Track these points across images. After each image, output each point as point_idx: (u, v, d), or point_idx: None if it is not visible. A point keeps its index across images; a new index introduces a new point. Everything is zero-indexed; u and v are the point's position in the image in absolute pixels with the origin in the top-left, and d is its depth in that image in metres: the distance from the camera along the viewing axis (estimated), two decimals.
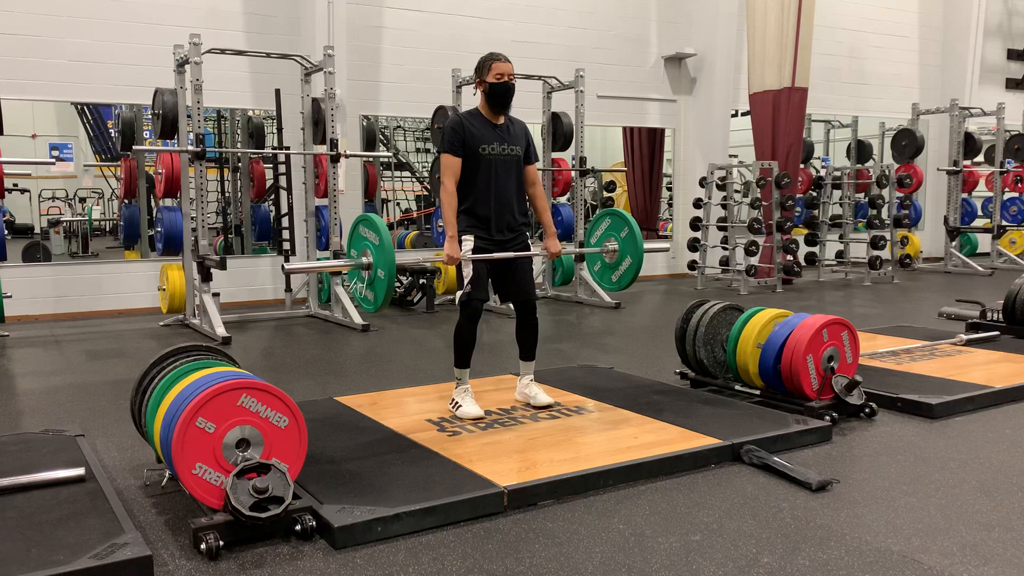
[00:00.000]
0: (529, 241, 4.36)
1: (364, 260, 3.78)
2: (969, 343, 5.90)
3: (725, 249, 10.21)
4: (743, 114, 11.69)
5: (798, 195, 10.78)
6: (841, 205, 11.23)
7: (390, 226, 12.99)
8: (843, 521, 2.94)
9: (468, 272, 4.05)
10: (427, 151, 13.27)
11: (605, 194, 13.72)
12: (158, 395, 3.07)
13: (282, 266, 3.64)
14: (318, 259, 8.31)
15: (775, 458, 3.47)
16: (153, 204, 9.65)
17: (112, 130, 11.64)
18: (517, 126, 4.22)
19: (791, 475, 3.32)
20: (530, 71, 9.17)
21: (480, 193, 4.08)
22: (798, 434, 3.80)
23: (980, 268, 11.80)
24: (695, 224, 10.58)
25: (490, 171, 4.08)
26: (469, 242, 4.06)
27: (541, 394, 4.32)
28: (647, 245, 4.40)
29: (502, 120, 4.14)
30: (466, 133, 4.04)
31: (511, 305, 4.37)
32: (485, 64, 4.08)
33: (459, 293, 4.12)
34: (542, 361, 4.47)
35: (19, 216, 11.94)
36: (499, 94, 4.06)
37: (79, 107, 11.46)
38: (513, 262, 4.21)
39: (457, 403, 4.17)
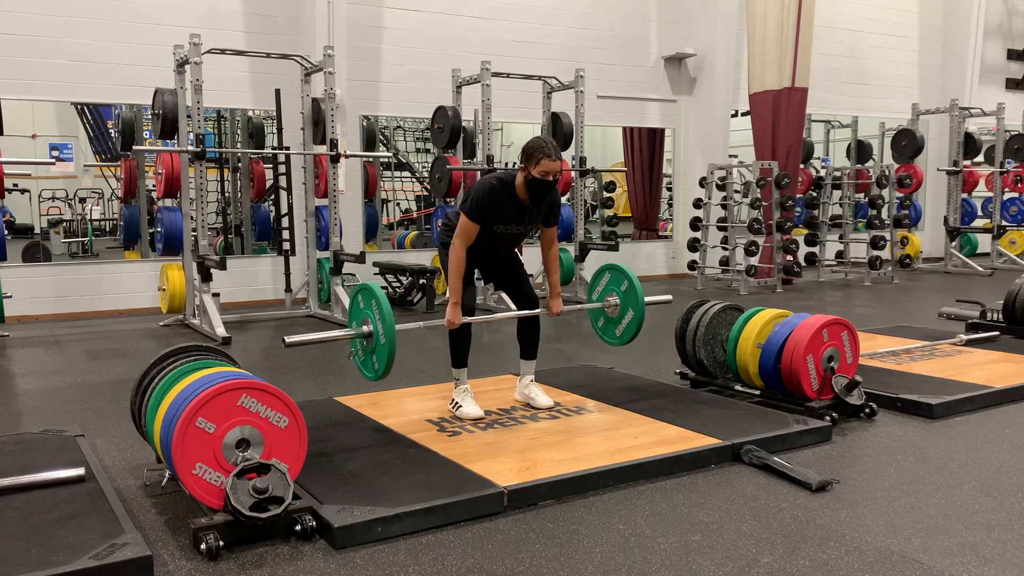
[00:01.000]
0: (520, 258, 4.43)
1: (365, 329, 3.83)
2: (969, 343, 5.90)
3: (725, 249, 10.21)
4: (743, 114, 11.69)
5: (798, 195, 10.78)
6: (841, 205, 11.23)
7: (390, 226, 13.00)
8: (843, 521, 2.94)
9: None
10: (427, 151, 13.27)
11: (605, 194, 13.73)
12: (158, 395, 3.07)
13: (283, 339, 3.68)
14: (318, 259, 8.33)
15: (775, 458, 3.47)
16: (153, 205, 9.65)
17: (112, 130, 11.64)
18: (547, 204, 4.14)
19: (791, 475, 3.32)
20: (530, 71, 9.18)
21: (479, 250, 4.11)
22: (798, 434, 3.80)
23: (980, 268, 11.80)
24: (695, 224, 10.58)
25: (495, 242, 4.13)
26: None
27: (541, 395, 4.31)
28: (647, 299, 4.44)
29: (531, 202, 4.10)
30: (493, 209, 3.98)
31: (510, 303, 4.41)
32: (535, 155, 3.90)
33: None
34: (542, 361, 4.47)
35: (19, 216, 11.93)
36: (539, 189, 3.98)
37: (79, 107, 11.45)
38: (509, 268, 4.33)
39: (457, 403, 4.17)
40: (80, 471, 3.22)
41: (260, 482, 2.72)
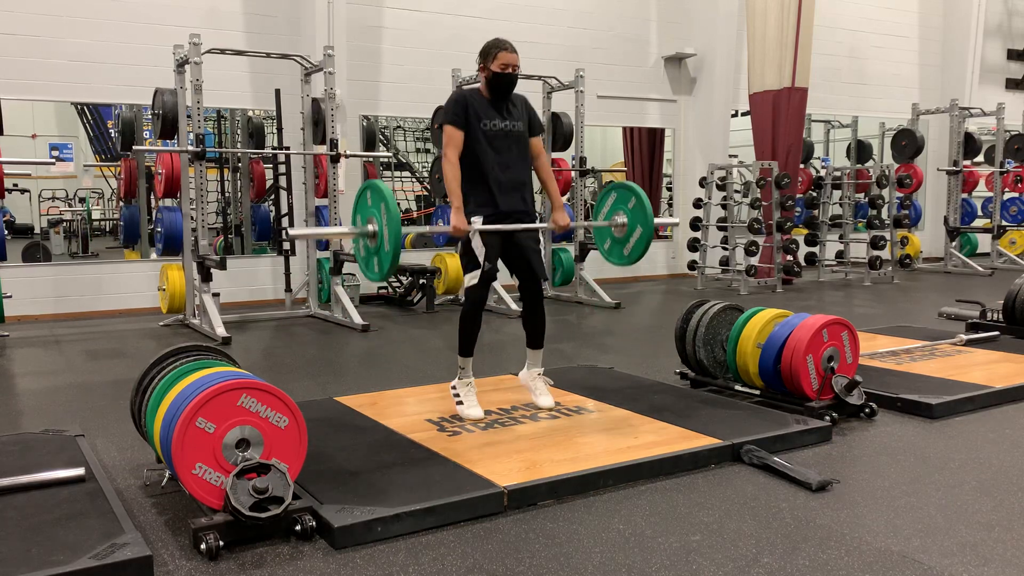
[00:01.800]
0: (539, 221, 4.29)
1: (370, 228, 3.72)
2: (969, 343, 5.90)
3: (725, 249, 10.21)
4: (743, 114, 11.69)
5: (798, 195, 10.78)
6: (841, 205, 11.23)
7: None
8: (843, 521, 2.94)
9: (479, 246, 3.96)
10: (427, 151, 13.27)
11: None
12: (158, 395, 3.07)
13: (285, 230, 3.60)
14: (318, 259, 8.33)
15: (775, 458, 3.47)
16: (153, 204, 9.65)
17: (112, 130, 11.64)
18: (518, 102, 4.15)
19: (791, 475, 3.32)
20: (530, 71, 9.16)
21: (484, 171, 4.01)
22: (798, 434, 3.80)
23: (980, 268, 11.80)
24: (695, 224, 10.58)
25: (493, 147, 4.02)
26: (478, 222, 3.98)
27: (545, 394, 4.29)
28: (656, 220, 4.31)
29: (503, 102, 4.08)
30: (468, 107, 3.98)
31: (511, 302, 4.37)
32: (491, 51, 3.99)
33: (469, 277, 4.02)
34: (542, 361, 4.46)
35: (19, 216, 11.93)
36: (502, 84, 4.00)
37: (79, 107, 11.46)
38: (523, 246, 4.15)
39: (459, 396, 4.14)
40: (80, 471, 3.22)
41: (260, 482, 2.72)
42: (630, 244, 4.37)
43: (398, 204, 13.59)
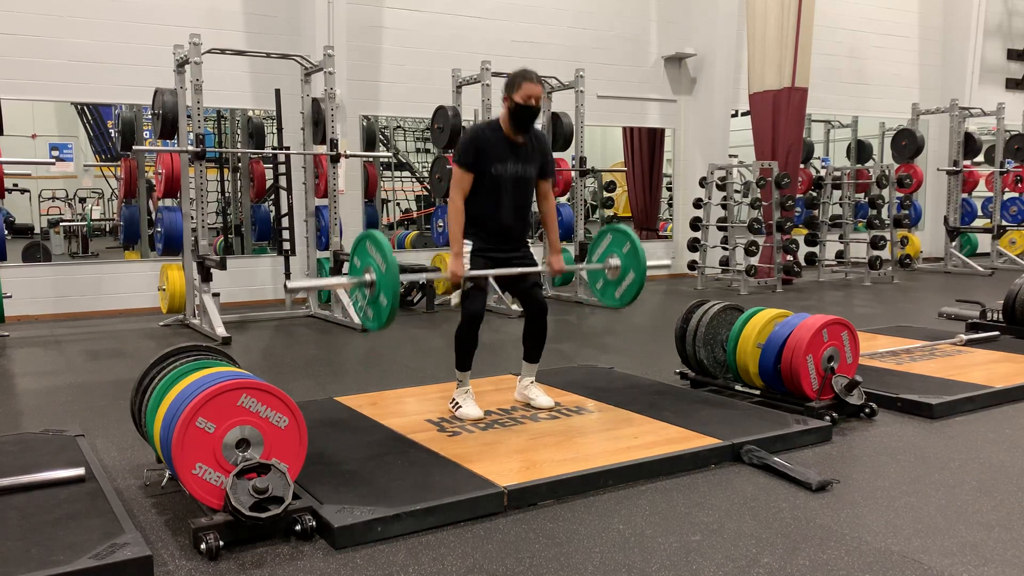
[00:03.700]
0: (531, 249, 4.32)
1: (367, 278, 3.73)
2: (969, 343, 5.90)
3: (725, 249, 10.21)
4: (743, 114, 11.68)
5: (798, 195, 10.77)
6: (841, 205, 11.23)
7: (390, 226, 13.00)
8: (843, 521, 2.94)
9: (475, 292, 4.03)
10: (427, 151, 13.26)
11: (605, 194, 13.72)
12: (158, 395, 3.07)
13: (284, 284, 3.60)
14: (318, 259, 8.33)
15: (775, 458, 3.47)
16: (152, 204, 9.65)
17: (112, 130, 11.63)
18: (537, 144, 4.11)
19: (791, 475, 3.32)
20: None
21: (486, 211, 4.01)
22: (798, 434, 3.80)
23: (980, 268, 11.80)
24: (695, 224, 10.58)
25: (499, 192, 4.00)
26: (468, 244, 4.02)
27: (542, 396, 4.31)
28: (649, 263, 4.36)
29: (521, 139, 4.03)
30: (481, 149, 3.95)
31: (514, 304, 4.38)
32: (515, 81, 3.93)
33: (456, 293, 4.08)
34: (542, 361, 4.46)
35: (19, 216, 11.92)
36: (523, 117, 3.96)
37: (79, 107, 11.45)
38: (523, 277, 4.19)
39: (457, 403, 4.17)
40: (80, 471, 3.22)
41: (260, 482, 2.72)
42: (622, 287, 4.43)
43: (398, 204, 13.53)
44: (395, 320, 3.75)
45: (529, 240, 4.39)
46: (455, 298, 4.09)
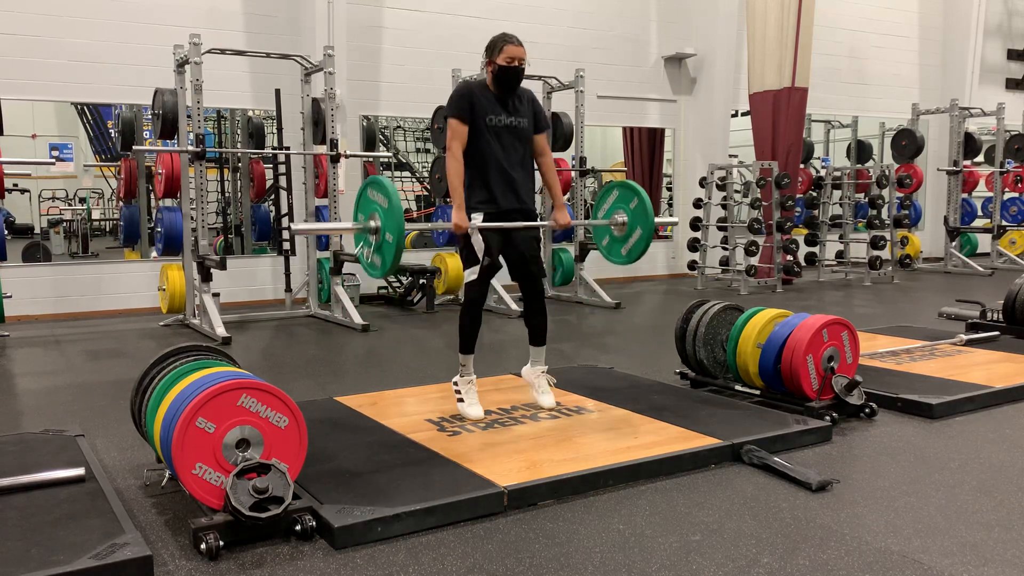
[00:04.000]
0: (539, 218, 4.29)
1: (372, 224, 3.70)
2: (969, 343, 5.90)
3: (725, 249, 10.21)
4: (743, 114, 11.68)
5: (798, 195, 10.78)
6: (841, 205, 11.23)
7: None
8: (843, 521, 2.94)
9: (479, 243, 3.96)
10: (427, 151, 13.26)
11: None
12: (158, 395, 3.07)
13: (288, 226, 3.55)
14: (318, 259, 8.33)
15: (775, 458, 3.47)
16: (152, 204, 9.65)
17: (112, 130, 11.64)
18: (524, 97, 4.13)
19: (791, 475, 3.32)
20: (530, 71, 9.11)
21: (487, 166, 4.00)
22: (798, 434, 3.80)
23: (980, 268, 11.80)
24: (695, 224, 10.58)
25: (497, 143, 4.00)
26: (478, 219, 3.98)
27: (547, 393, 4.28)
28: (656, 220, 4.31)
29: (509, 98, 4.06)
30: (472, 102, 3.95)
31: (511, 302, 4.38)
32: (497, 44, 3.97)
33: (469, 272, 4.02)
34: (545, 359, 4.45)
35: (19, 216, 11.93)
36: (508, 78, 3.98)
37: (79, 107, 11.46)
38: (522, 250, 4.14)
39: (460, 393, 4.14)
40: (80, 471, 3.22)
41: (260, 482, 2.72)
42: (629, 243, 4.36)
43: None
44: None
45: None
46: (468, 275, 4.03)
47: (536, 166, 4.27)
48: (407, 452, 3.55)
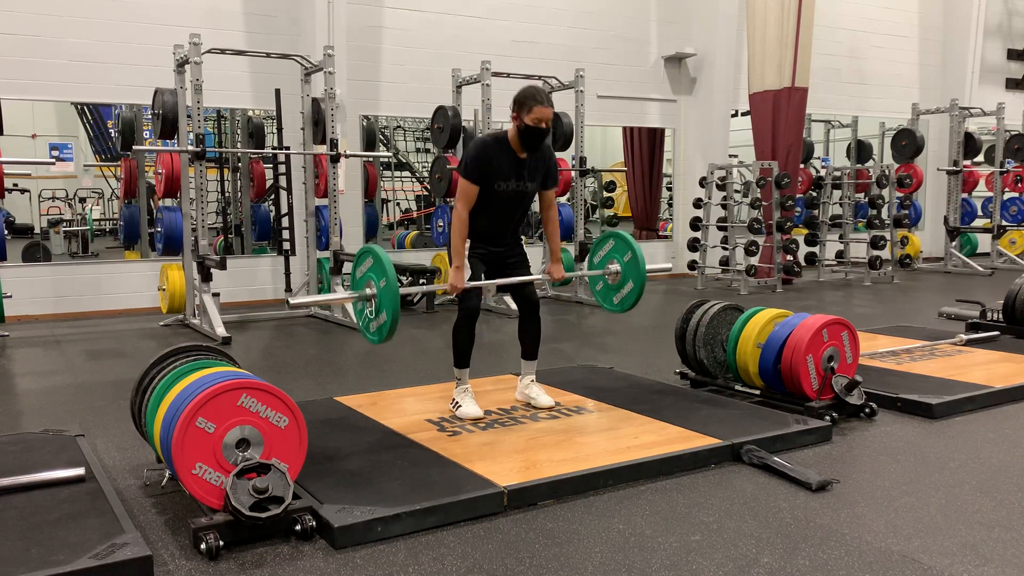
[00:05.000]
0: (525, 246, 4.38)
1: (367, 291, 3.79)
2: (969, 343, 5.90)
3: (725, 249, 10.21)
4: (743, 114, 11.68)
5: (798, 195, 10.77)
6: (841, 205, 11.23)
7: (390, 226, 13.00)
8: (843, 521, 2.94)
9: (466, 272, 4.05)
10: (427, 151, 13.26)
11: (605, 194, 13.72)
12: (158, 395, 3.07)
13: (287, 301, 3.61)
14: (318, 259, 8.33)
15: (775, 458, 3.47)
16: (153, 204, 9.64)
17: (112, 130, 11.63)
18: (541, 158, 4.10)
19: (791, 475, 3.32)
20: (530, 71, 9.17)
21: (484, 218, 4.05)
22: (798, 434, 3.80)
23: (980, 268, 11.80)
24: (695, 224, 10.58)
25: (499, 204, 4.06)
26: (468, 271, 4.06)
27: (543, 395, 4.31)
28: (648, 266, 4.41)
29: (527, 155, 4.05)
30: (488, 165, 3.95)
31: (510, 302, 4.41)
32: (526, 103, 3.90)
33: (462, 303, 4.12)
34: (542, 361, 4.47)
35: (19, 216, 11.92)
36: (532, 137, 3.95)
37: (79, 107, 11.45)
38: (512, 267, 4.24)
39: (457, 403, 4.17)
40: (80, 471, 3.22)
41: (260, 482, 2.72)
42: (622, 293, 4.51)
43: (398, 204, 13.52)
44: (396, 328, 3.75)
45: (526, 237, 4.41)
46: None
47: (540, 217, 4.36)
48: (407, 452, 3.55)
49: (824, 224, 11.18)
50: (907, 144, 12.01)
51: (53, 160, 11.20)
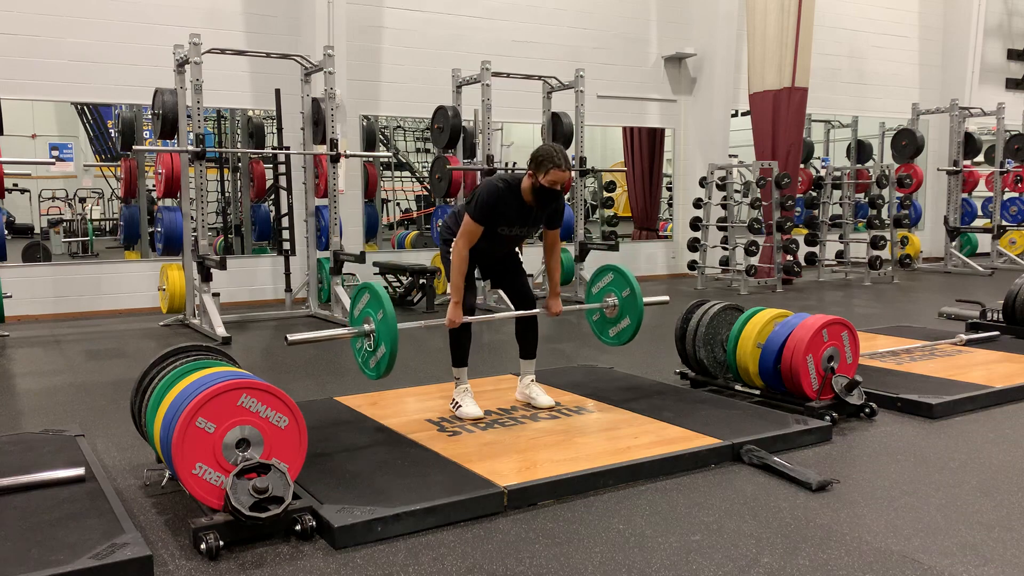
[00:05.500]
0: (520, 257, 4.47)
1: (366, 327, 3.85)
2: (969, 343, 5.90)
3: (725, 249, 10.21)
4: (743, 114, 11.68)
5: (798, 195, 10.78)
6: (841, 205, 11.23)
7: (390, 226, 13.00)
8: (843, 521, 2.94)
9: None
10: (427, 151, 13.26)
11: (605, 194, 13.72)
12: (158, 395, 3.07)
13: (286, 337, 3.65)
14: (318, 259, 8.33)
15: (775, 458, 3.47)
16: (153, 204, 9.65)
17: (112, 130, 11.63)
18: (551, 206, 4.11)
19: (791, 475, 3.32)
20: (530, 71, 9.17)
21: (483, 242, 4.07)
22: (798, 434, 3.80)
23: (980, 268, 11.80)
24: (695, 224, 10.58)
25: (499, 240, 4.12)
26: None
27: (542, 395, 4.32)
28: (646, 300, 4.47)
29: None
30: (497, 213, 3.97)
31: (505, 296, 4.48)
32: (544, 164, 3.89)
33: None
34: (542, 361, 4.48)
35: (19, 216, 11.92)
36: (546, 197, 3.97)
37: (79, 107, 11.45)
38: (508, 267, 4.33)
39: (457, 403, 4.17)
40: (80, 471, 3.22)
41: (260, 482, 2.72)
42: (619, 327, 4.61)
43: (398, 204, 13.52)
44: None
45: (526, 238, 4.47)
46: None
47: (544, 252, 4.41)
48: (407, 452, 3.55)
49: (824, 224, 11.18)
50: (907, 144, 12.01)
51: (53, 160, 11.20)
